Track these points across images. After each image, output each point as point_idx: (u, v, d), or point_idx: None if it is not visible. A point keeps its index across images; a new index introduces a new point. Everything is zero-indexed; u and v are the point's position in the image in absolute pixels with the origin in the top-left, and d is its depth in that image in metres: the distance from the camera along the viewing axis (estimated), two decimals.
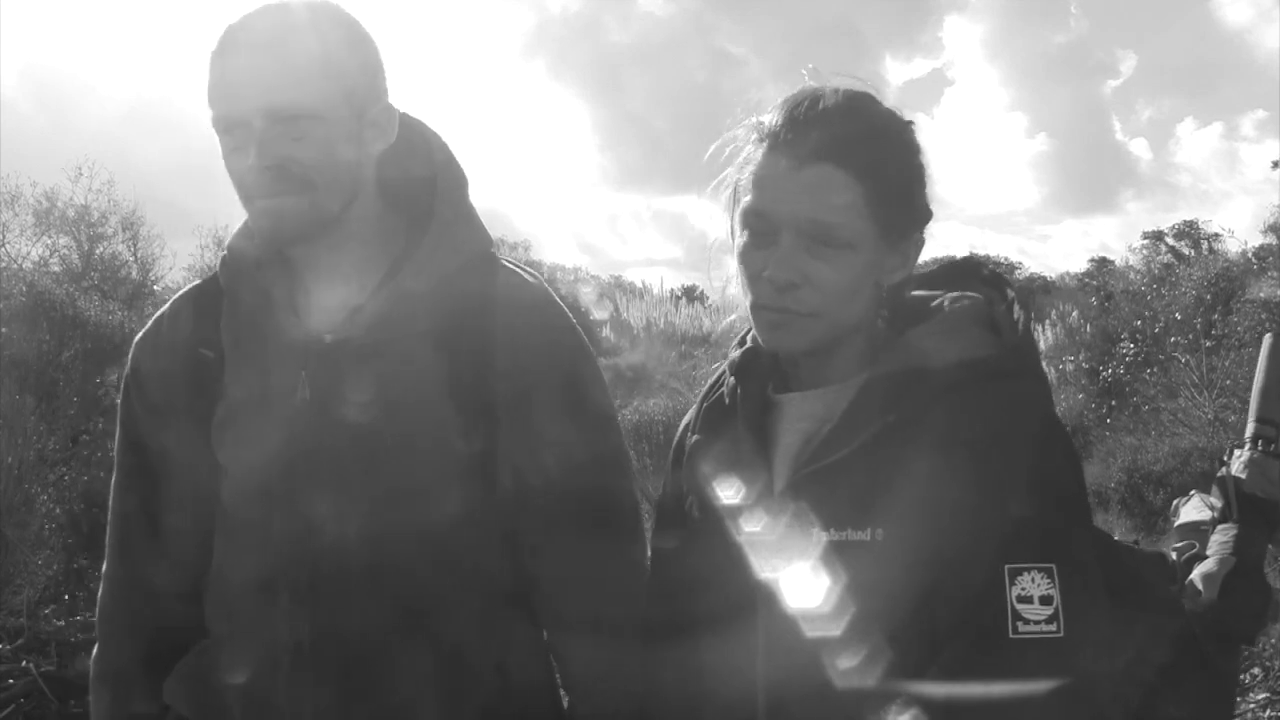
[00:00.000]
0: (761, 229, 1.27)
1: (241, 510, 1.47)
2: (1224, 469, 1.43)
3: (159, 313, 1.59)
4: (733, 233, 1.33)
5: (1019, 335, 1.29)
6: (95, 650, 1.62)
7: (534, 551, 1.48)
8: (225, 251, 1.53)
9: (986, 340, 1.29)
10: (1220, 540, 1.36)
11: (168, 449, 1.53)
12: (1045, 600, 1.16)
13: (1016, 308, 1.31)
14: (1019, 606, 1.16)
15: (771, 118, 1.28)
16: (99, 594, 1.63)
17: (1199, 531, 1.43)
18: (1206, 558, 1.35)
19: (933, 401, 1.23)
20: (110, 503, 1.62)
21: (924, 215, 1.32)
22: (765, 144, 1.28)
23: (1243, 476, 1.41)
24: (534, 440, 1.45)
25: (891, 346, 1.31)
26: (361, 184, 1.46)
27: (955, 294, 1.35)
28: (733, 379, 1.39)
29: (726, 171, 1.34)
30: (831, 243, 1.24)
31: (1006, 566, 1.17)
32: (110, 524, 1.61)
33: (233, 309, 1.51)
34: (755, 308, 1.30)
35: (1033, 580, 1.17)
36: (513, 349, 1.44)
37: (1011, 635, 1.16)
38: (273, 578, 1.44)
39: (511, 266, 1.54)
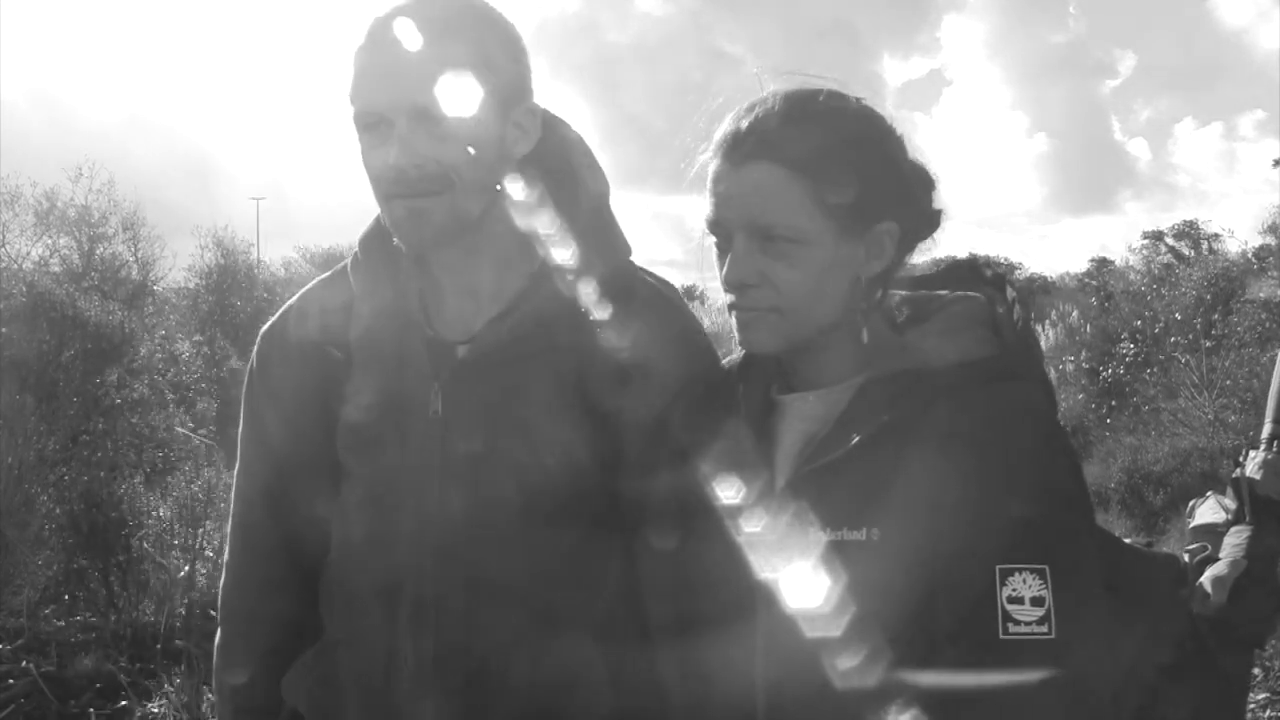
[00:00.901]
0: (720, 234, 1.31)
1: (365, 516, 1.45)
2: (1239, 470, 1.43)
3: (286, 305, 1.57)
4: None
5: (1019, 336, 1.29)
6: (219, 640, 1.61)
7: (636, 560, 1.43)
8: (356, 249, 1.50)
9: (987, 341, 1.30)
10: (1233, 543, 1.36)
11: (291, 445, 1.51)
12: (1036, 601, 1.16)
13: (1017, 308, 1.31)
14: (1009, 607, 1.16)
15: (721, 129, 1.31)
16: (221, 583, 1.62)
17: (1213, 533, 1.42)
18: (1218, 560, 1.35)
19: (931, 402, 1.24)
20: (233, 492, 1.61)
21: (890, 203, 1.30)
22: (715, 155, 1.31)
23: (1257, 478, 1.40)
24: (656, 455, 1.40)
25: (891, 347, 1.31)
26: (502, 188, 1.42)
27: (957, 294, 1.36)
28: (736, 379, 1.40)
29: (697, 186, 1.36)
30: (778, 240, 1.26)
31: (998, 567, 1.17)
32: (233, 514, 1.60)
33: (363, 311, 1.48)
34: (728, 309, 1.32)
35: (1024, 581, 1.17)
36: (647, 367, 1.41)
37: (1002, 636, 1.16)
38: (395, 588, 1.41)
39: (650, 280, 1.50)
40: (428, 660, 1.41)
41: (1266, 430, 1.46)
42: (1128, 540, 1.42)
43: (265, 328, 1.57)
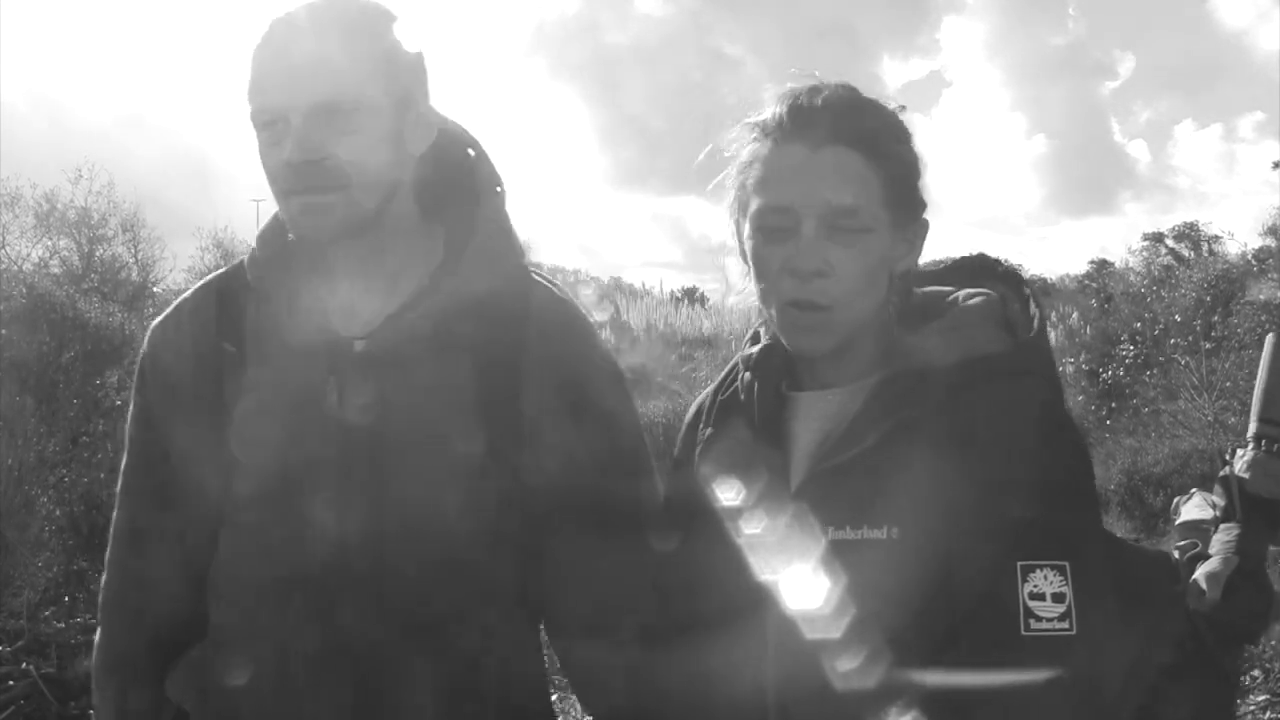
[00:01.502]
0: (779, 223, 1.26)
1: (258, 509, 1.44)
2: (1227, 468, 1.43)
3: (179, 300, 1.56)
4: (740, 236, 1.33)
5: (1032, 333, 1.29)
6: (99, 640, 1.60)
7: (544, 556, 1.46)
8: (253, 245, 1.50)
9: (999, 338, 1.29)
10: (1223, 540, 1.36)
11: (182, 439, 1.50)
12: (1058, 598, 1.16)
13: (1033, 305, 1.31)
14: (1031, 604, 1.16)
15: (772, 112, 1.28)
16: (103, 581, 1.60)
17: (1200, 530, 1.43)
18: (1209, 557, 1.35)
19: (945, 399, 1.23)
20: (119, 487, 1.59)
21: (924, 200, 1.33)
22: (771, 138, 1.28)
23: (1246, 476, 1.40)
24: (554, 453, 1.43)
25: (905, 344, 1.31)
26: (399, 185, 1.43)
27: (970, 291, 1.35)
28: (749, 375, 1.39)
29: (726, 173, 1.34)
30: (852, 227, 1.24)
31: (1019, 564, 1.17)
32: (119, 509, 1.59)
33: (259, 306, 1.48)
34: (784, 308, 1.29)
35: (1045, 578, 1.16)
36: (542, 367, 1.43)
37: (1024, 633, 1.16)
38: (288, 581, 1.41)
39: (543, 281, 1.52)
40: (319, 657, 1.41)
41: (1252, 429, 1.46)
42: (1119, 537, 1.42)
43: (156, 322, 1.56)
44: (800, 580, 1.25)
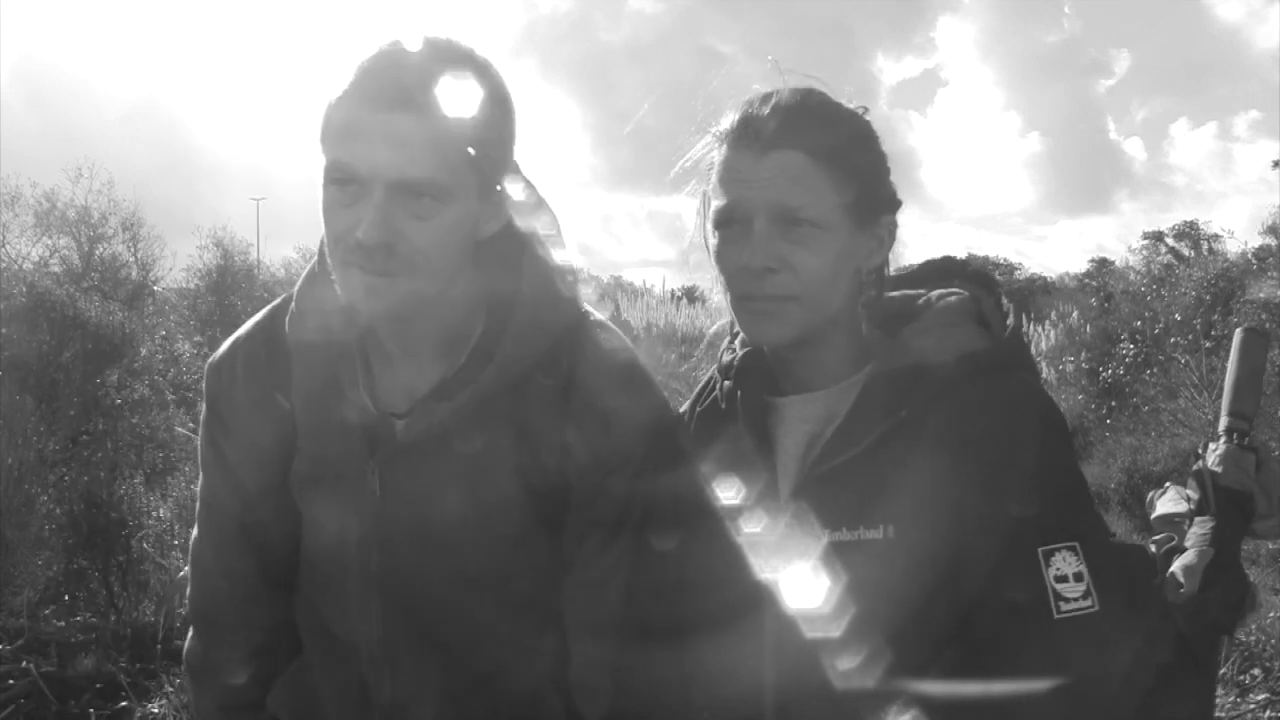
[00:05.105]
0: (733, 224, 1.30)
1: (320, 566, 1.50)
2: (1200, 462, 1.45)
3: (234, 339, 1.53)
4: (706, 240, 1.36)
5: (1009, 329, 1.31)
6: (194, 646, 1.62)
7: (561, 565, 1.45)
8: (294, 307, 1.44)
9: (979, 334, 1.32)
10: (1199, 533, 1.38)
11: (256, 474, 1.52)
12: (1078, 577, 1.19)
13: (1005, 301, 1.35)
14: (1059, 586, 1.19)
15: (729, 120, 1.33)
16: (190, 593, 1.63)
17: (1173, 524, 1.45)
18: (1185, 550, 1.37)
19: (937, 397, 1.25)
20: (198, 512, 1.60)
21: (891, 200, 1.35)
22: (726, 145, 1.31)
23: (1219, 470, 1.42)
24: (600, 504, 1.40)
25: (886, 345, 1.33)
26: (463, 267, 1.36)
27: (941, 291, 1.38)
28: (729, 382, 1.40)
29: (692, 184, 1.38)
30: (802, 224, 1.27)
31: (1040, 549, 1.19)
32: (201, 535, 1.60)
33: (301, 374, 1.45)
34: (738, 301, 1.32)
35: (1064, 559, 1.19)
36: (592, 438, 1.37)
37: (1056, 616, 1.18)
38: (352, 638, 1.47)
39: (599, 334, 1.42)
40: (388, 703, 1.47)
41: (1223, 424, 1.48)
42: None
43: (214, 361, 1.54)
44: (799, 581, 1.26)
